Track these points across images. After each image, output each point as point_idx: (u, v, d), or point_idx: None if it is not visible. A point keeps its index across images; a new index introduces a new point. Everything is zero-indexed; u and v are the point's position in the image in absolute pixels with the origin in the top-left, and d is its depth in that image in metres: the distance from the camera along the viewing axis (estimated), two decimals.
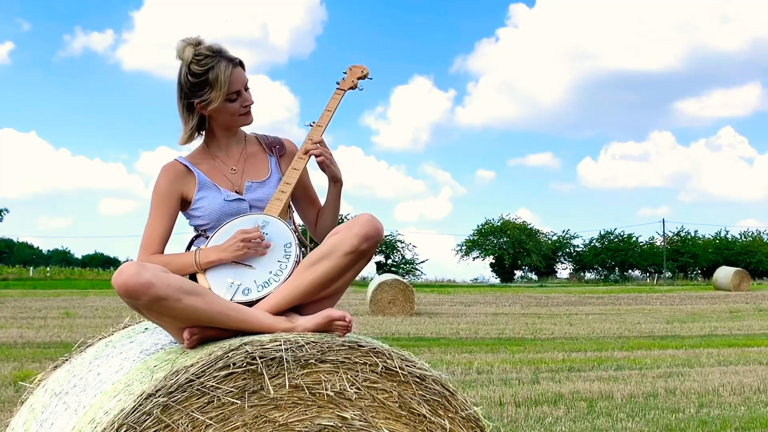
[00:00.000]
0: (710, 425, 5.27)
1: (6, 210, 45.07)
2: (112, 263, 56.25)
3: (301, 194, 2.64)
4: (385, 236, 45.17)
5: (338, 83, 2.72)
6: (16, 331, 11.78)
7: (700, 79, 65.40)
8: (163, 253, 2.40)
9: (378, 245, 2.30)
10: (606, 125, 69.65)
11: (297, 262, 2.29)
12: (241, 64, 2.46)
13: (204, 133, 2.55)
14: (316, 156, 2.51)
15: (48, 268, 41.37)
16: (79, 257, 63.17)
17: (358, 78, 2.73)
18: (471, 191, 66.30)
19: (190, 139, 2.52)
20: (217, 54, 2.41)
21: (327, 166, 2.52)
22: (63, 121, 62.94)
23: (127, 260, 2.14)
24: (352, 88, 2.72)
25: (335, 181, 2.55)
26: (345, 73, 2.75)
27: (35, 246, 63.71)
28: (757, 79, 66.77)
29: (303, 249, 2.39)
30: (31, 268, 40.36)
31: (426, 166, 67.37)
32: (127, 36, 68.76)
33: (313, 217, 2.66)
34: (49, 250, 64.85)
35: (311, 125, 2.59)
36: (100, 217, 68.14)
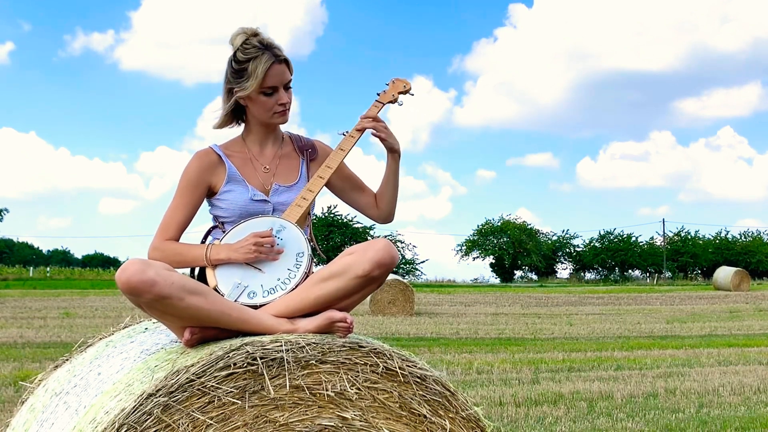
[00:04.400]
0: (710, 425, 5.26)
1: (6, 210, 45.12)
2: (112, 263, 56.20)
3: (347, 185, 2.63)
4: (386, 236, 45.18)
5: (378, 95, 2.66)
6: (16, 331, 11.78)
7: (700, 79, 65.44)
8: (179, 240, 2.40)
9: (389, 272, 2.26)
10: (605, 125, 69.70)
11: (306, 274, 2.28)
12: (287, 62, 2.44)
13: (243, 124, 2.55)
14: (373, 130, 2.52)
15: (48, 268, 41.36)
16: (79, 257, 63.26)
17: (399, 93, 2.67)
18: (471, 191, 66.29)
19: (223, 124, 2.54)
20: (264, 47, 2.41)
21: (384, 138, 2.53)
22: (63, 121, 62.95)
23: (128, 259, 2.13)
24: (391, 101, 2.65)
25: (393, 152, 2.56)
26: (387, 85, 2.68)
27: (35, 246, 63.79)
28: (757, 79, 66.79)
29: (316, 261, 2.37)
30: (31, 268, 40.36)
31: (426, 166, 67.31)
32: (125, 36, 68.85)
33: (369, 201, 2.64)
34: (49, 250, 64.94)
35: (344, 134, 2.56)
36: (100, 217, 68.20)
